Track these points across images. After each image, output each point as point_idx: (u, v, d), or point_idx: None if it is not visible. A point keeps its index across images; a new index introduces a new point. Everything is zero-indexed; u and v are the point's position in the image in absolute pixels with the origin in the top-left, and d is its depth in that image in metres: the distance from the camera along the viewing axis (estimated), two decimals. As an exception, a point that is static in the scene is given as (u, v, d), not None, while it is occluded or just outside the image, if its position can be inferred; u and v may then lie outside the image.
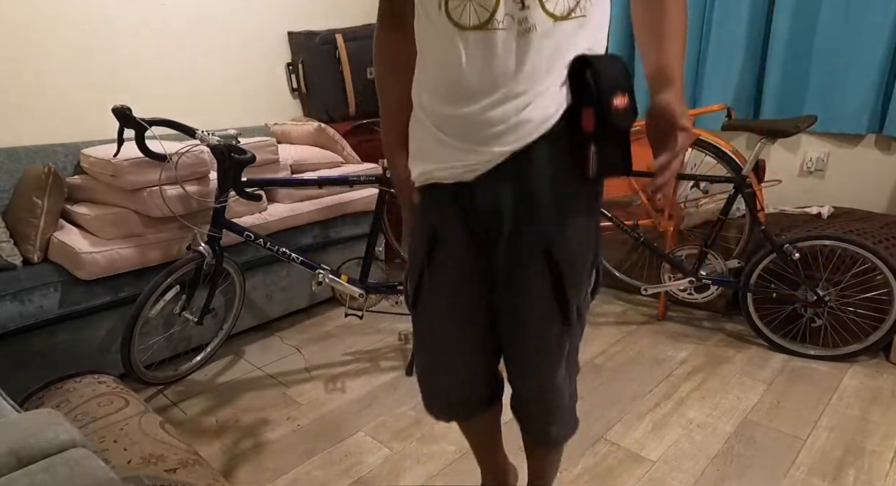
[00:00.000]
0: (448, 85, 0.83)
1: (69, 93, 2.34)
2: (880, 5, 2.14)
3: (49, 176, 1.89)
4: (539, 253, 0.89)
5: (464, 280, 0.96)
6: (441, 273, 0.96)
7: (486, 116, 0.81)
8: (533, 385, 1.02)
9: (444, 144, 0.87)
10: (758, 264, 2.10)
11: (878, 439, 1.66)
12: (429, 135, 0.89)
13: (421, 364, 1.10)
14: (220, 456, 1.68)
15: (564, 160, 0.85)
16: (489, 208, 0.88)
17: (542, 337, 0.95)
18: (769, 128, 1.96)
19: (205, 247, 1.91)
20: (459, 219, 0.91)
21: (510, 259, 0.91)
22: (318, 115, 3.05)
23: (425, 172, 0.91)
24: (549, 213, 0.87)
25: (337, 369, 2.15)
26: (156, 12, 2.53)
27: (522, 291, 0.93)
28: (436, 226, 0.94)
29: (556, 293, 0.91)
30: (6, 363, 1.74)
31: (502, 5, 0.75)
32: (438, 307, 1.00)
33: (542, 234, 0.88)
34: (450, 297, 0.98)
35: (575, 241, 0.90)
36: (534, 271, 0.91)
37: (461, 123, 0.84)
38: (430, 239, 0.95)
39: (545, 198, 0.86)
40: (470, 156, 0.85)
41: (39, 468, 0.62)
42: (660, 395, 1.92)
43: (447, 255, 0.94)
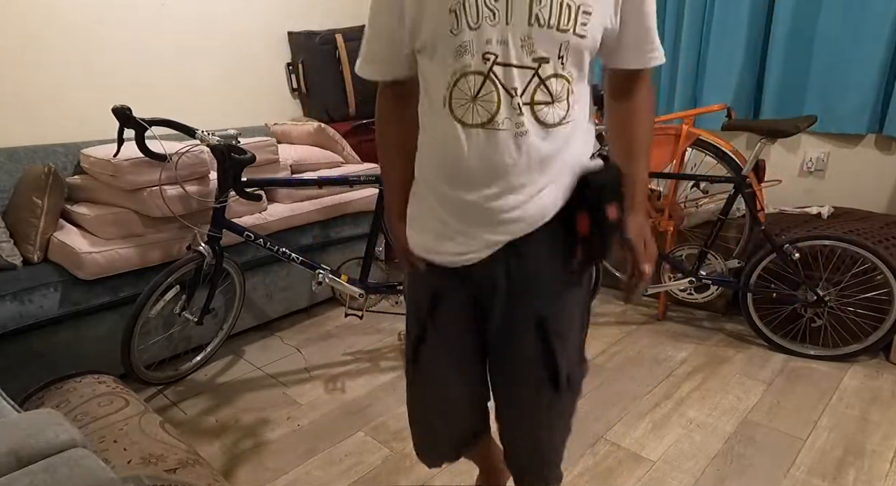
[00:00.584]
0: (450, 169, 0.87)
1: (69, 93, 2.34)
2: (880, 5, 2.14)
3: (49, 176, 1.89)
4: (531, 325, 0.95)
5: (465, 335, 1.01)
6: (444, 327, 1.00)
7: (487, 206, 0.86)
8: (527, 445, 1.08)
9: (443, 222, 0.92)
10: (758, 264, 2.10)
11: (878, 439, 1.66)
12: (429, 210, 0.94)
13: (417, 418, 1.14)
14: (220, 456, 1.68)
15: (557, 244, 0.91)
16: (484, 283, 0.93)
17: (533, 402, 1.01)
18: (769, 128, 1.96)
19: (205, 247, 1.91)
20: (457, 283, 0.96)
21: (503, 327, 0.97)
22: (318, 115, 3.05)
23: (422, 244, 0.96)
24: (541, 290, 0.93)
25: (337, 369, 2.15)
26: (156, 12, 2.53)
27: (515, 357, 0.99)
28: (437, 286, 0.98)
29: (546, 361, 0.97)
30: (6, 363, 1.74)
31: (503, 110, 0.81)
32: (440, 360, 1.03)
33: (533, 308, 0.94)
34: (452, 350, 1.02)
35: (565, 314, 0.97)
36: (525, 341, 0.96)
37: (462, 208, 0.89)
38: (434, 296, 0.99)
39: (537, 277, 0.92)
40: (468, 241, 0.90)
41: (39, 468, 0.62)
42: (660, 395, 1.92)
43: (449, 310, 0.99)
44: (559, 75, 0.82)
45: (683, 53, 2.62)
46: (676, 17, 2.63)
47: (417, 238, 0.97)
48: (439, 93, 0.85)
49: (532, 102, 0.82)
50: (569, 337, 0.98)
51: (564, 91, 0.84)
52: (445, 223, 0.91)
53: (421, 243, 0.96)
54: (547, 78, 0.81)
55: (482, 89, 0.81)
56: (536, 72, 0.81)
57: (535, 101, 0.82)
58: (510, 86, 0.81)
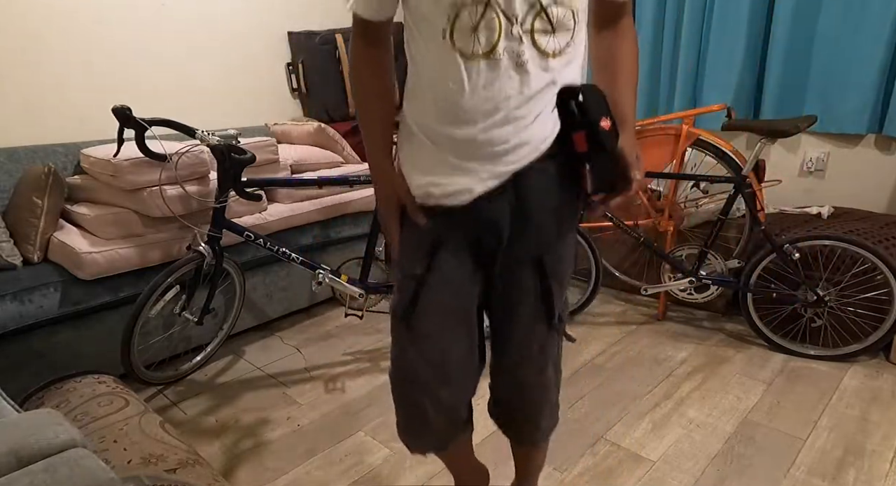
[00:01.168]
0: (448, 106, 0.86)
1: (69, 93, 2.34)
2: (880, 5, 2.14)
3: (49, 176, 1.89)
4: (531, 262, 0.98)
5: (465, 285, 1.00)
6: (446, 273, 0.98)
7: (487, 136, 0.85)
8: (527, 373, 1.08)
9: (443, 161, 0.90)
10: (758, 264, 2.10)
11: (878, 439, 1.66)
12: (426, 150, 0.92)
13: (405, 391, 1.07)
14: (220, 456, 1.68)
15: (558, 180, 0.92)
16: (488, 222, 0.93)
17: (533, 333, 1.04)
18: (769, 128, 1.96)
19: (205, 247, 1.91)
20: (460, 226, 0.95)
21: (506, 266, 0.99)
22: (318, 115, 3.05)
23: (424, 184, 0.93)
24: (543, 227, 0.95)
25: (337, 369, 2.15)
26: (156, 12, 2.53)
27: (516, 292, 1.01)
28: (439, 232, 0.97)
29: (544, 298, 1.01)
30: (6, 363, 1.74)
31: (503, 40, 0.81)
32: (440, 310, 1.00)
33: (535, 245, 0.97)
34: (453, 299, 1.00)
35: (562, 253, 1.01)
36: (526, 276, 0.99)
37: (462, 143, 0.87)
38: (434, 241, 0.97)
39: (540, 213, 0.93)
40: (472, 176, 0.88)
41: (39, 468, 0.62)
42: (660, 395, 1.92)
43: (451, 256, 0.97)
44: (560, 3, 0.82)
45: (683, 53, 2.62)
46: (676, 17, 2.63)
47: (421, 178, 0.94)
48: (438, 26, 0.83)
49: (532, 30, 0.82)
50: (563, 281, 1.03)
51: (566, 20, 0.84)
52: (445, 162, 0.90)
53: (425, 183, 0.93)
54: (547, 5, 0.81)
55: (483, 17, 0.80)
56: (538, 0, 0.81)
57: (534, 29, 0.82)
58: (511, 13, 0.80)
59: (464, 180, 0.89)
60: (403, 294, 1.01)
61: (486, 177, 0.88)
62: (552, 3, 0.82)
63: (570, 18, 0.84)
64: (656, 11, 2.67)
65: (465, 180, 0.89)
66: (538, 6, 0.81)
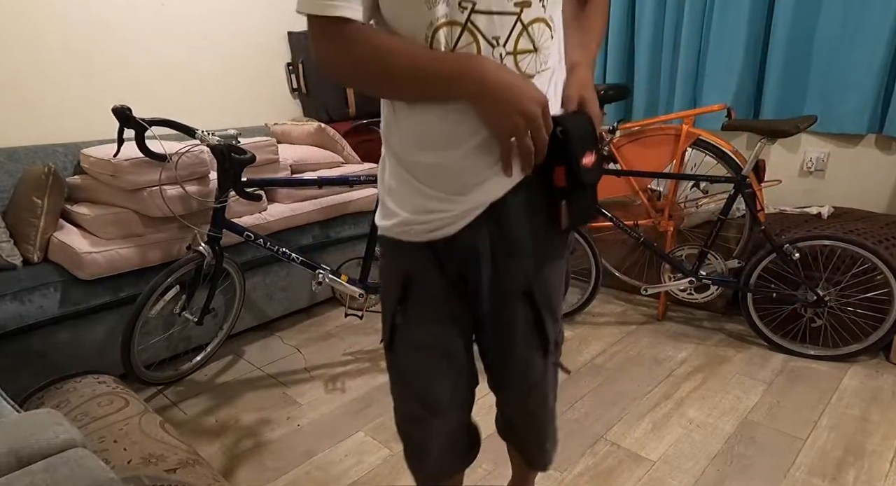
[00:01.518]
0: (425, 132, 0.81)
1: (69, 93, 2.34)
2: (880, 5, 2.14)
3: (49, 176, 1.89)
4: (520, 294, 0.94)
5: (442, 320, 0.96)
6: (418, 313, 0.95)
7: (464, 164, 0.80)
8: (533, 404, 1.06)
9: (418, 191, 0.85)
10: (758, 264, 2.10)
11: (878, 439, 1.66)
12: (400, 180, 0.87)
13: (406, 412, 1.07)
14: (220, 456, 1.68)
15: (539, 207, 0.87)
16: (467, 254, 0.88)
17: (530, 365, 1.01)
18: (769, 128, 1.96)
19: (205, 247, 1.91)
20: (434, 262, 0.90)
21: (494, 301, 0.94)
22: (318, 115, 3.05)
23: (401, 223, 0.88)
24: (528, 257, 0.90)
25: (337, 369, 2.15)
26: (156, 12, 2.53)
27: (509, 327, 0.97)
28: (409, 268, 0.93)
29: (537, 327, 0.97)
30: (6, 363, 1.74)
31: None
32: (418, 346, 0.98)
33: (523, 276, 0.92)
34: (429, 335, 0.97)
35: (552, 282, 0.96)
36: (517, 310, 0.95)
37: (441, 171, 0.82)
38: (405, 280, 0.93)
39: (523, 243, 0.89)
40: (449, 207, 0.83)
41: (39, 468, 0.62)
42: (660, 395, 1.92)
43: (423, 295, 0.94)
44: (541, 19, 0.77)
45: (683, 53, 2.62)
46: (676, 17, 2.63)
47: (402, 214, 0.87)
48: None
49: (515, 51, 0.77)
50: (555, 309, 0.99)
51: (546, 37, 0.79)
52: (423, 193, 0.84)
53: (399, 222, 0.88)
54: (529, 23, 0.76)
55: (460, 41, 0.74)
56: (519, 17, 0.75)
57: (518, 50, 0.77)
58: (491, 35, 0.75)
59: (444, 214, 0.84)
60: (384, 327, 0.99)
61: (467, 207, 0.83)
62: (535, 20, 0.77)
63: (549, 35, 0.80)
64: (656, 11, 2.67)
65: (446, 213, 0.84)
66: (520, 25, 0.76)
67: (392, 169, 0.88)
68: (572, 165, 0.81)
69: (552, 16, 0.79)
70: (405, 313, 0.95)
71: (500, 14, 0.74)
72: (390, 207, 0.89)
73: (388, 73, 0.76)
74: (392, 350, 1.00)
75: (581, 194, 0.86)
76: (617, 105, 2.93)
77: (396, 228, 0.89)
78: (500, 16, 0.74)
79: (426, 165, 0.82)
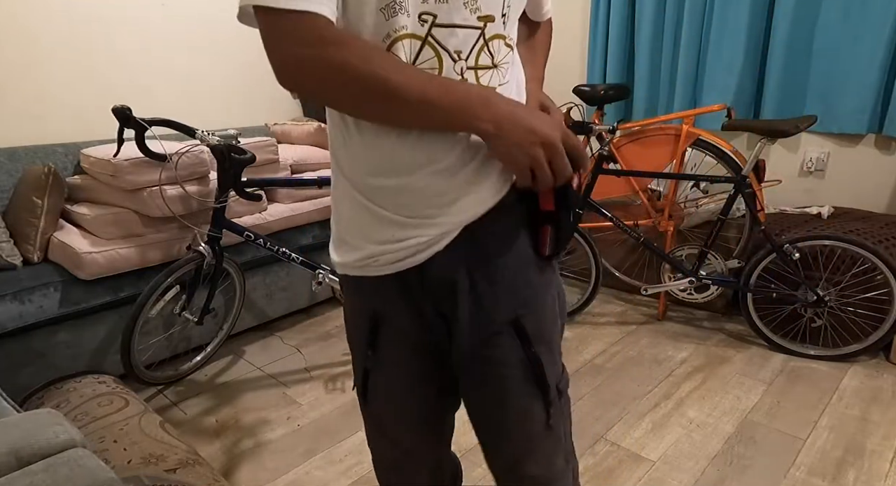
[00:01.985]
0: (384, 152, 0.72)
1: (69, 93, 2.34)
2: (880, 5, 2.14)
3: (49, 176, 1.89)
4: (508, 329, 0.79)
5: (419, 362, 0.86)
6: (391, 356, 0.86)
7: (432, 184, 0.72)
8: (532, 469, 0.88)
9: (380, 218, 0.75)
10: (758, 264, 2.10)
11: (878, 439, 1.66)
12: (358, 209, 0.76)
13: (385, 459, 1.01)
14: (220, 456, 1.68)
15: (519, 231, 0.78)
16: (440, 284, 0.77)
17: (526, 419, 0.84)
18: (769, 128, 1.96)
19: (205, 247, 1.91)
20: (405, 297, 0.80)
21: (474, 339, 0.80)
22: (318, 115, 3.05)
23: (364, 257, 0.77)
24: (510, 283, 0.79)
25: (337, 369, 2.15)
26: (156, 12, 2.53)
27: (496, 370, 0.81)
28: (377, 307, 0.83)
29: (533, 369, 0.81)
30: (6, 363, 1.74)
31: (444, 75, 0.70)
32: (394, 391, 0.89)
33: (508, 304, 0.79)
34: (406, 378, 0.87)
35: (544, 312, 0.82)
36: (504, 347, 0.80)
37: (402, 193, 0.73)
38: (372, 320, 0.84)
39: (502, 267, 0.78)
40: (418, 231, 0.74)
41: (39, 468, 0.62)
42: (660, 395, 1.92)
43: (395, 336, 0.84)
44: (500, 36, 0.74)
45: (683, 53, 2.62)
46: (676, 18, 2.63)
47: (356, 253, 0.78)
48: None
49: (476, 65, 0.72)
50: (552, 344, 0.84)
51: (504, 54, 0.75)
52: (386, 220, 0.74)
53: (361, 257, 0.78)
54: (490, 39, 0.72)
55: (420, 56, 0.69)
56: (482, 32, 0.71)
57: (478, 64, 0.72)
58: (454, 49, 0.70)
59: (414, 240, 0.74)
60: (356, 373, 0.91)
61: (440, 231, 0.74)
62: (495, 36, 0.72)
63: (506, 52, 0.75)
64: (656, 12, 2.67)
65: (416, 239, 0.74)
66: (482, 39, 0.71)
67: (347, 196, 0.78)
68: (564, 188, 0.73)
69: (510, 34, 0.76)
70: (377, 358, 0.86)
71: (463, 28, 0.70)
72: (349, 242, 0.79)
73: (386, 93, 0.64)
74: (366, 398, 0.91)
75: (567, 218, 0.78)
76: (617, 105, 2.92)
77: (359, 263, 0.79)
78: (463, 29, 0.70)
79: (387, 188, 0.73)
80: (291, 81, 0.68)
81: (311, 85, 0.67)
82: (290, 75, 0.67)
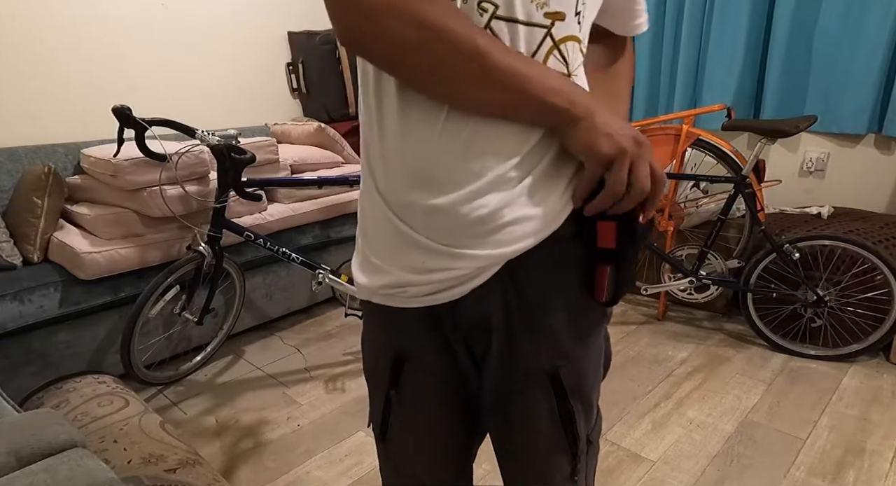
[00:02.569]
0: (422, 168, 0.62)
1: (69, 93, 2.34)
2: (880, 6, 2.14)
3: (49, 176, 1.89)
4: (542, 376, 0.71)
5: (445, 402, 0.78)
6: (415, 397, 0.77)
7: (473, 207, 0.61)
8: None
9: (408, 240, 0.65)
10: (758, 264, 2.10)
11: (878, 439, 1.66)
12: (385, 224, 0.67)
13: None
14: (220, 456, 1.68)
15: (570, 270, 0.67)
16: (473, 323, 0.69)
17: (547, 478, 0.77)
18: (769, 128, 1.96)
19: (205, 247, 1.91)
20: (433, 332, 0.72)
21: (504, 382, 0.72)
22: (318, 115, 3.05)
23: (390, 284, 0.68)
24: (555, 332, 0.69)
25: (337, 369, 2.15)
26: (156, 12, 2.53)
27: (524, 421, 0.74)
28: (402, 343, 0.74)
29: (564, 424, 0.73)
30: (6, 363, 1.74)
31: None
32: (417, 432, 0.80)
33: (546, 353, 0.70)
34: (431, 419, 0.79)
35: (586, 364, 0.73)
36: (536, 397, 0.72)
37: (440, 217, 0.62)
38: (397, 358, 0.75)
39: (545, 311, 0.68)
40: (454, 262, 0.64)
41: (39, 468, 0.62)
42: (660, 395, 1.92)
43: (420, 374, 0.75)
44: (574, 38, 0.62)
45: (683, 53, 2.62)
46: (676, 17, 2.63)
47: (387, 275, 0.68)
48: None
49: None
50: (591, 400, 0.75)
51: (578, 61, 0.64)
52: (419, 245, 0.64)
53: (392, 281, 0.68)
54: (561, 41, 0.61)
55: None
56: (549, 32, 0.60)
57: None
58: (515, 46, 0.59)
59: (449, 273, 0.64)
60: (373, 410, 0.82)
61: (479, 264, 0.64)
62: (567, 38, 0.61)
63: (579, 55, 0.64)
64: (656, 12, 2.67)
65: (451, 273, 0.64)
66: (550, 42, 0.60)
67: (376, 211, 0.67)
68: (627, 220, 0.62)
69: (585, 37, 0.64)
70: (400, 397, 0.77)
71: (526, 25, 0.59)
72: (374, 262, 0.70)
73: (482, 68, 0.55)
74: (385, 439, 0.82)
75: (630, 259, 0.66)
76: (617, 105, 2.92)
77: (385, 290, 0.69)
78: (526, 27, 0.59)
79: (423, 208, 0.63)
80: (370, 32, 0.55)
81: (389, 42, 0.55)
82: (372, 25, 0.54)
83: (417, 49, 0.55)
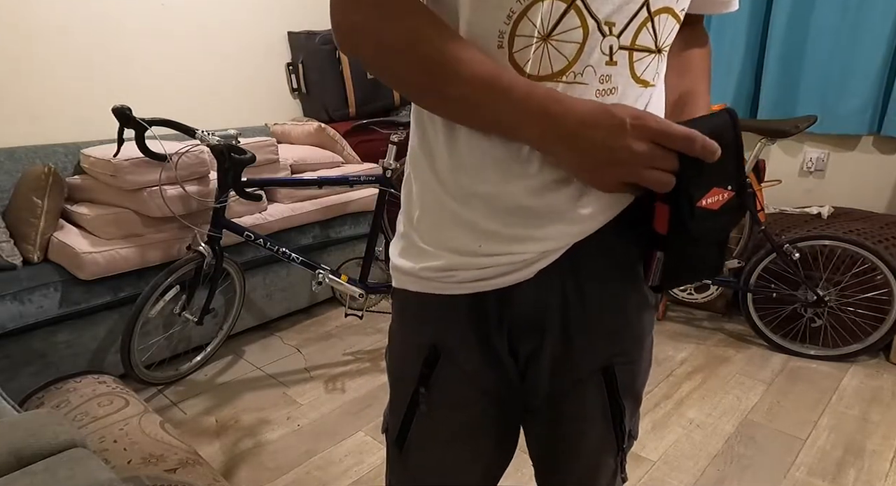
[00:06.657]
0: (490, 150, 0.58)
1: (69, 93, 2.34)
2: (880, 6, 2.14)
3: (49, 176, 1.89)
4: (596, 374, 0.68)
5: (477, 409, 0.70)
6: (446, 400, 0.70)
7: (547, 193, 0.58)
8: None
9: (470, 225, 0.61)
10: (758, 264, 2.10)
11: (878, 439, 1.66)
12: (444, 211, 0.62)
13: None
14: (220, 456, 1.68)
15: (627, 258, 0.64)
16: (523, 320, 0.64)
17: (598, 471, 0.74)
18: (769, 128, 1.96)
19: (205, 247, 1.91)
20: (475, 326, 0.65)
21: (555, 384, 0.68)
22: (318, 115, 3.05)
23: (439, 267, 0.63)
24: (612, 327, 0.66)
25: (337, 369, 2.15)
26: (156, 13, 2.53)
27: (575, 422, 0.71)
28: (437, 337, 0.68)
29: (615, 421, 0.70)
30: (6, 363, 1.74)
31: (585, 54, 0.54)
32: (443, 439, 0.72)
33: (602, 350, 0.67)
34: (460, 427, 0.71)
35: (639, 360, 0.70)
36: (588, 396, 0.69)
37: (504, 201, 0.59)
38: (430, 354, 0.68)
39: (607, 307, 0.65)
40: (517, 246, 0.59)
41: (39, 468, 0.62)
42: (660, 395, 1.92)
43: (455, 375, 0.68)
44: (669, 10, 0.56)
45: (683, 53, 2.62)
46: (676, 17, 2.63)
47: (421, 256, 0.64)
48: (492, 27, 0.54)
49: (632, 46, 0.55)
50: (639, 397, 0.73)
51: (670, 36, 0.58)
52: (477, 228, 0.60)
53: (434, 264, 0.63)
54: (657, 12, 0.55)
55: (560, 23, 0.53)
56: (647, 1, 0.54)
57: (635, 45, 0.55)
58: (605, 18, 0.53)
59: (509, 257, 0.60)
60: (395, 412, 0.74)
61: (545, 248, 0.59)
62: (663, 9, 0.55)
63: (673, 33, 0.58)
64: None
65: (512, 256, 0.60)
66: (646, 12, 0.54)
67: (431, 196, 0.63)
68: (682, 203, 0.55)
69: (683, 10, 0.58)
70: (429, 398, 0.70)
71: None
72: (421, 246, 0.64)
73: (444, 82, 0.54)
74: (404, 446, 0.73)
75: (683, 249, 0.60)
76: (617, 105, 2.92)
77: (431, 273, 0.63)
78: None
79: (485, 195, 0.59)
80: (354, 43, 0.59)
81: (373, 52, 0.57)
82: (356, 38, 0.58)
83: (383, 66, 0.58)
